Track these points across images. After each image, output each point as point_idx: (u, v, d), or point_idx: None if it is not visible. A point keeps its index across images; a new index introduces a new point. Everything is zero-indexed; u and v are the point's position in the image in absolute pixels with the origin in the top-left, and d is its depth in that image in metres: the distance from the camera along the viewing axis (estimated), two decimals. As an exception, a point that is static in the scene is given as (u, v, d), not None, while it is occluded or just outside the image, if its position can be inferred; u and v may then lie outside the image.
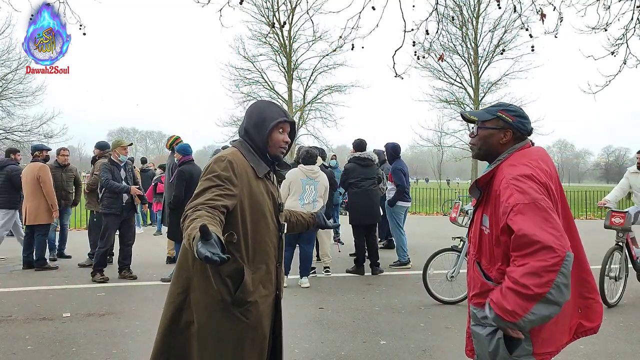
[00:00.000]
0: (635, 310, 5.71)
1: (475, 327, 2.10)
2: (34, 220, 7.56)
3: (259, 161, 2.26)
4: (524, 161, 2.00)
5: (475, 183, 2.13)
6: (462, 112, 2.25)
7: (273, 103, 2.39)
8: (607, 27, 6.24)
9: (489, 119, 2.12)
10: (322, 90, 27.15)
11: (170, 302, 2.20)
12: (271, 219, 2.26)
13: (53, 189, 7.66)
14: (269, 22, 24.92)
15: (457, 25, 24.46)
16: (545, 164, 2.05)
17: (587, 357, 4.18)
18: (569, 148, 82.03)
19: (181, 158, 6.77)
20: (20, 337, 4.58)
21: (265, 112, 2.28)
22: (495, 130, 2.10)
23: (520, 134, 2.11)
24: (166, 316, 2.19)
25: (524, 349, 1.96)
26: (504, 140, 2.10)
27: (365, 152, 7.74)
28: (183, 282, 2.18)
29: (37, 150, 8.00)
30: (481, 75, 26.04)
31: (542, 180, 1.93)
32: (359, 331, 4.83)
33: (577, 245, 2.10)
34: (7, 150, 9.07)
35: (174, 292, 2.20)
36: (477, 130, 2.15)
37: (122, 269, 7.12)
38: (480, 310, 2.06)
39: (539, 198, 1.84)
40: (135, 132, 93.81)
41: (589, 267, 2.15)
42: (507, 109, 2.12)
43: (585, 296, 2.09)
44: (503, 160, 2.07)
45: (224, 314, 2.11)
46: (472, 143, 2.20)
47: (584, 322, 2.08)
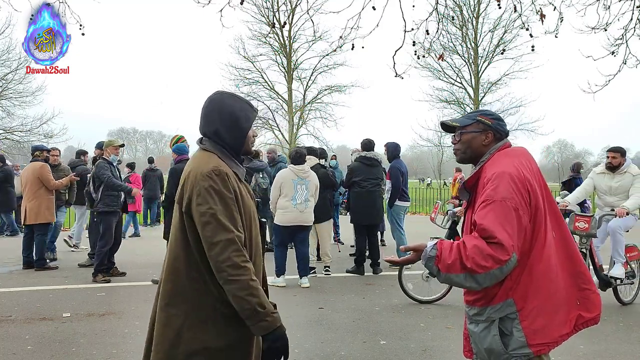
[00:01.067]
0: (635, 310, 5.72)
1: (470, 326, 2.18)
2: (34, 219, 7.57)
3: (236, 164, 2.11)
4: (505, 160, 2.12)
5: (463, 185, 2.25)
6: (442, 121, 2.34)
7: (236, 97, 2.16)
8: (607, 27, 6.24)
9: (469, 124, 2.25)
10: (322, 90, 27.08)
11: (166, 324, 2.01)
12: (257, 218, 2.19)
13: (57, 182, 7.79)
14: (269, 22, 24.86)
15: (457, 25, 24.40)
16: (527, 160, 2.17)
17: (587, 357, 4.18)
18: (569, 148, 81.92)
19: (177, 157, 6.79)
20: (20, 337, 4.58)
21: (236, 112, 2.07)
22: (477, 133, 2.23)
23: (500, 135, 2.24)
24: (164, 343, 2.00)
25: (517, 341, 2.01)
26: (486, 141, 2.22)
27: (372, 152, 7.72)
28: (179, 302, 2.00)
29: (38, 150, 8.10)
30: (481, 75, 26.00)
31: (521, 176, 2.03)
32: (359, 331, 4.83)
33: (566, 237, 2.16)
34: (78, 151, 9.68)
35: (171, 314, 2.00)
36: (459, 136, 2.27)
37: (110, 268, 7.18)
38: (471, 308, 2.15)
39: (508, 197, 1.96)
40: (135, 132, 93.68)
41: (581, 259, 2.20)
42: (485, 113, 2.28)
43: (581, 287, 2.13)
44: (486, 160, 2.18)
45: (226, 336, 1.99)
46: (456, 148, 2.30)
47: (584, 314, 2.11)
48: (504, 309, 2.02)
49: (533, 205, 2.03)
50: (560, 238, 2.13)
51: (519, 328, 2.01)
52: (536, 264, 2.02)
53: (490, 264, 1.88)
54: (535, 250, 2.02)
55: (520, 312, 2.01)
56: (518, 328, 2.01)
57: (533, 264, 2.01)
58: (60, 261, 8.34)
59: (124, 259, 7.82)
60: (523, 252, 2.00)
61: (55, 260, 8.33)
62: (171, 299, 2.01)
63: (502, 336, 2.04)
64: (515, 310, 2.01)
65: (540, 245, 2.03)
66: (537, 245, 2.02)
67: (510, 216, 1.93)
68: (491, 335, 2.06)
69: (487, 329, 2.08)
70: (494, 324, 2.05)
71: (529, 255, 2.01)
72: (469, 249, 1.90)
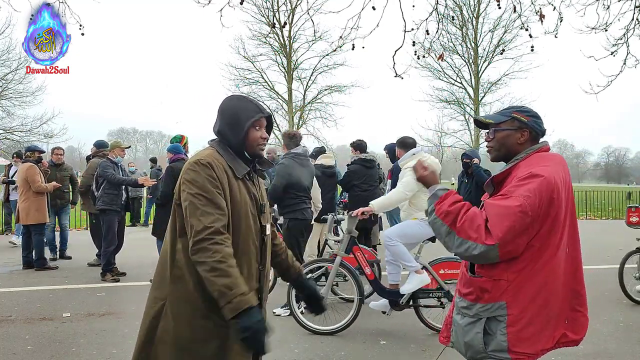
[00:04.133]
0: (635, 310, 5.71)
1: (456, 316, 2.17)
2: (25, 219, 7.58)
3: (237, 161, 2.14)
4: (542, 162, 2.04)
5: (491, 180, 2.17)
6: (475, 117, 2.30)
7: (245, 98, 2.25)
8: (607, 27, 6.24)
9: (504, 121, 2.16)
10: (322, 90, 27.08)
11: (149, 306, 2.09)
12: (253, 221, 2.14)
13: (42, 185, 7.64)
14: (269, 22, 24.87)
15: (457, 25, 24.41)
16: (563, 170, 2.07)
17: (587, 357, 4.18)
18: (569, 148, 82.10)
19: (172, 157, 6.80)
20: (20, 337, 4.58)
21: (238, 110, 2.15)
22: (512, 131, 2.14)
23: (536, 133, 2.15)
24: (145, 324, 2.08)
25: (498, 343, 1.99)
26: (522, 140, 2.14)
27: (368, 153, 7.65)
28: (162, 288, 2.08)
29: (29, 150, 8.09)
30: (481, 75, 26.00)
31: (551, 183, 1.95)
32: (359, 331, 4.82)
33: (577, 257, 2.11)
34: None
35: (154, 297, 2.10)
36: (493, 133, 2.18)
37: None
38: (461, 300, 2.13)
39: (525, 196, 1.91)
40: (135, 132, 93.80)
41: (583, 279, 2.16)
42: (520, 110, 2.17)
43: (575, 309, 2.11)
44: (521, 159, 2.10)
45: (204, 321, 2.01)
46: (489, 146, 2.22)
47: (569, 334, 2.09)
48: (495, 310, 2.00)
49: (552, 215, 1.96)
50: (572, 256, 2.09)
51: (504, 332, 1.98)
52: (539, 274, 1.98)
53: (474, 237, 1.92)
54: (542, 260, 1.97)
55: (510, 316, 1.98)
56: (503, 332, 1.98)
57: (536, 273, 1.97)
58: (60, 261, 8.34)
59: (124, 259, 7.81)
60: (529, 257, 1.96)
61: (55, 260, 8.33)
62: (156, 283, 2.13)
63: (485, 334, 2.02)
64: (505, 314, 1.98)
65: (549, 256, 1.98)
66: (546, 255, 1.98)
67: (517, 215, 1.89)
68: (474, 331, 2.04)
69: (472, 324, 2.06)
70: (481, 321, 2.03)
71: (536, 263, 1.97)
72: (468, 213, 1.97)
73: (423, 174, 2.20)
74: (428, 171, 2.20)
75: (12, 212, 11.36)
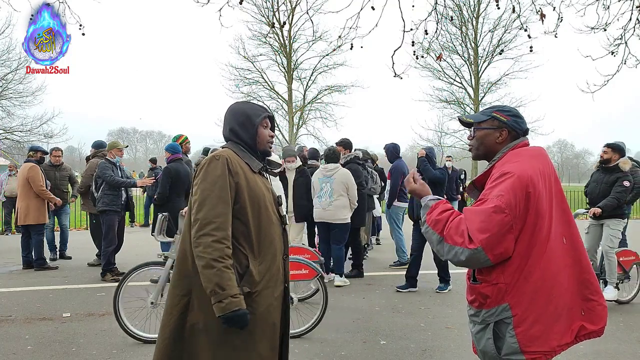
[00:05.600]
0: (635, 310, 5.72)
1: (470, 325, 2.18)
2: (24, 220, 7.57)
3: (251, 158, 2.30)
4: (514, 160, 2.06)
5: (473, 184, 2.21)
6: (459, 117, 2.32)
7: (250, 103, 2.44)
8: (607, 27, 6.23)
9: (484, 120, 2.19)
10: (322, 90, 27.07)
11: (174, 305, 2.15)
12: (272, 212, 2.28)
13: (43, 187, 7.60)
14: (269, 22, 24.85)
15: (457, 25, 24.42)
16: (539, 162, 2.08)
17: (587, 357, 4.19)
18: (569, 148, 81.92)
19: (170, 156, 6.81)
20: (20, 337, 4.58)
21: (247, 110, 2.33)
22: (491, 130, 2.18)
23: (516, 132, 2.17)
24: (170, 322, 2.14)
25: (509, 346, 1.99)
26: (500, 139, 2.17)
27: (356, 151, 7.53)
28: (184, 284, 2.15)
29: (32, 150, 8.05)
30: (481, 75, 26.00)
31: (523, 178, 1.96)
32: (359, 331, 4.83)
33: (576, 244, 2.10)
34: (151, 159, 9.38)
35: (177, 294, 2.16)
36: (474, 132, 2.22)
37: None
38: (470, 308, 2.15)
39: (500, 204, 1.92)
40: (135, 132, 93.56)
41: (591, 268, 2.14)
42: (501, 109, 2.20)
43: (588, 298, 2.08)
44: (497, 159, 2.13)
45: None
46: (470, 144, 2.27)
47: (587, 325, 2.06)
48: (500, 313, 2.00)
49: (533, 210, 1.96)
50: (570, 245, 2.07)
51: (512, 333, 1.98)
52: (535, 270, 1.97)
53: (459, 242, 1.95)
54: (533, 256, 1.97)
55: (515, 317, 1.97)
56: (511, 333, 1.98)
57: (531, 270, 1.97)
58: (60, 261, 8.34)
59: (124, 259, 7.81)
60: (519, 255, 1.96)
61: (55, 260, 8.33)
62: (176, 281, 2.19)
63: (495, 340, 2.02)
64: (511, 316, 1.98)
65: (540, 250, 1.97)
66: (535, 252, 1.97)
67: (492, 216, 1.91)
68: (485, 338, 2.05)
69: (482, 330, 2.06)
70: (489, 327, 2.03)
71: (527, 260, 1.96)
72: (454, 221, 2.01)
73: (413, 186, 2.23)
74: (418, 183, 2.23)
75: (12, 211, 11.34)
